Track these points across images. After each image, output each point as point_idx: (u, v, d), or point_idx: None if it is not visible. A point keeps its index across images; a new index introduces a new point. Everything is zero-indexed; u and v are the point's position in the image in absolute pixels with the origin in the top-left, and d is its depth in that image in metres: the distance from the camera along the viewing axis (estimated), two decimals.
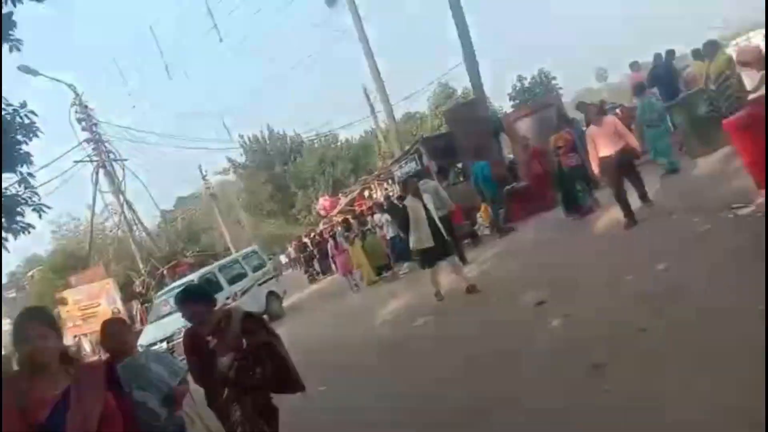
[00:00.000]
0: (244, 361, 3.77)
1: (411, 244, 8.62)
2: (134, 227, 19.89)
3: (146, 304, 18.75)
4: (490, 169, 13.09)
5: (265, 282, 16.30)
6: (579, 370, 4.21)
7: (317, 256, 24.73)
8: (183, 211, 52.22)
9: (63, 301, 18.93)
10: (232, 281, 15.60)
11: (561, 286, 6.67)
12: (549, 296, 6.38)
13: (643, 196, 8.34)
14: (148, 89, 67.52)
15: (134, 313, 18.68)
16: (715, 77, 9.85)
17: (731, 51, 14.30)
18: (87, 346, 17.80)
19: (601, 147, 8.14)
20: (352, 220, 17.15)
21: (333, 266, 20.45)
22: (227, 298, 14.82)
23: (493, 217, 13.18)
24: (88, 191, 19.59)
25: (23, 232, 7.62)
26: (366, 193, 25.51)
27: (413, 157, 16.39)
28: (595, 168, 8.48)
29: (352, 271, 15.45)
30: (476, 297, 7.90)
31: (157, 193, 62.45)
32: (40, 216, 7.92)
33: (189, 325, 3.99)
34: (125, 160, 19.26)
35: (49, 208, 7.92)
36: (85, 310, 18.73)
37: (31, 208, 7.75)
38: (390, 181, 21.38)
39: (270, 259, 47.25)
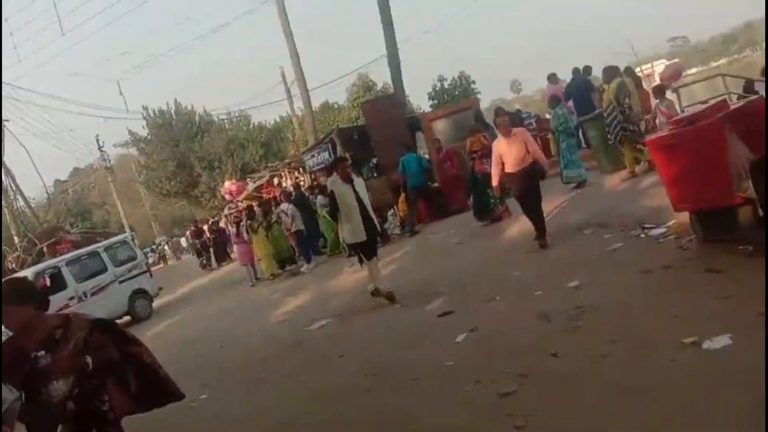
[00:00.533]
0: (88, 386, 2.79)
1: (344, 237, 7.67)
2: (11, 196, 17.86)
3: None
4: (420, 162, 12.93)
5: (131, 278, 14.63)
6: (484, 393, 3.84)
7: (212, 245, 24.72)
8: (74, 183, 48.67)
9: None
10: (83, 277, 13.92)
11: (468, 296, 6.36)
12: (455, 307, 6.04)
13: (540, 234, 7.52)
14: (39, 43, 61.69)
15: None
16: (606, 104, 9.99)
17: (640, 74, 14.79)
18: None
19: (507, 163, 7.43)
20: (256, 208, 16.28)
21: (234, 254, 19.97)
22: (71, 298, 13.36)
23: (409, 213, 12.92)
24: None
25: None
26: (275, 181, 24.55)
27: (326, 146, 15.77)
28: (495, 181, 7.82)
29: (254, 262, 14.61)
30: (381, 300, 7.45)
31: (52, 162, 57.68)
32: None
33: (8, 334, 2.89)
34: (6, 120, 17.23)
35: None
36: None
37: None
38: (301, 170, 20.62)
39: (154, 247, 44.35)
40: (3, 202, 19.13)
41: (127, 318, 14.40)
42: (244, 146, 36.87)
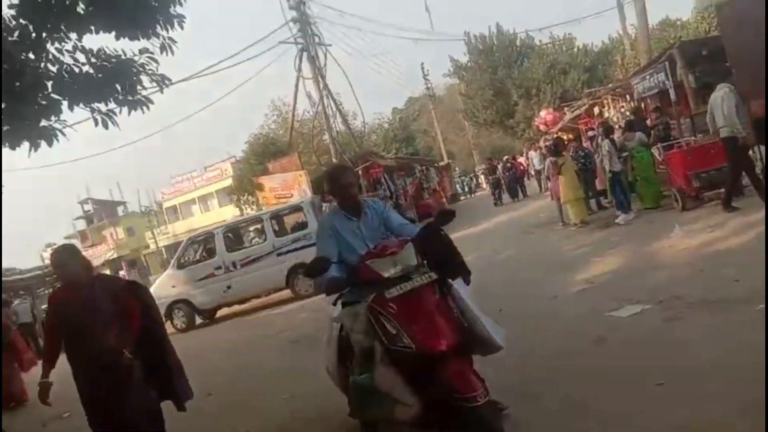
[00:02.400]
0: (114, 335, 3.61)
1: None
2: (332, 119, 18.87)
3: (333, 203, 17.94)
4: None
5: (294, 251, 12.80)
6: None
7: (505, 182, 25.00)
8: (405, 112, 51.94)
9: (260, 187, 19.07)
10: (235, 247, 13.51)
11: None
12: None
13: None
14: None
15: (322, 210, 18.06)
16: None
17: None
18: None
19: None
20: (567, 142, 13.97)
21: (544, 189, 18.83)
22: (217, 268, 13.04)
23: None
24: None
25: (140, 107, 6.31)
26: (595, 110, 21.43)
27: (662, 66, 12.35)
28: None
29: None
30: (734, 290, 4.79)
31: (387, 90, 62.63)
32: (161, 90, 6.56)
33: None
34: (329, 45, 18.01)
35: (169, 80, 6.48)
36: (279, 199, 18.65)
37: (152, 78, 6.36)
38: (627, 98, 17.24)
39: (471, 176, 44.63)
40: (313, 124, 20.19)
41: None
42: (565, 72, 33.77)
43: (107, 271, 53.86)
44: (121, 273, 50.24)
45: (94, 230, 64.48)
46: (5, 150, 5.87)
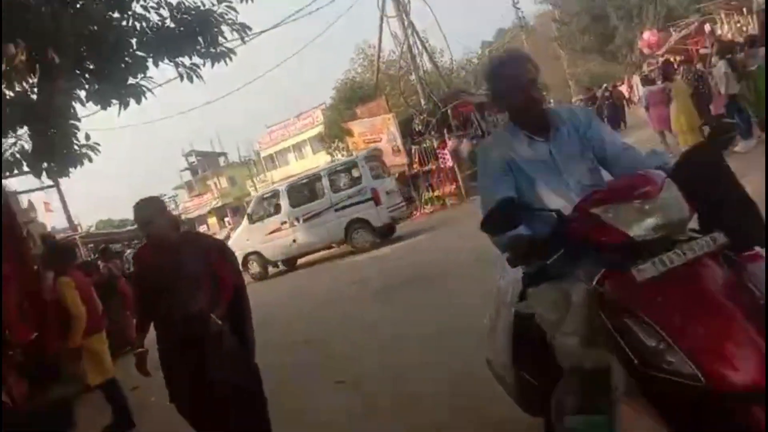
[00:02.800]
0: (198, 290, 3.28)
1: None
2: (419, 59, 18.31)
3: (423, 145, 17.66)
4: None
5: (351, 206, 13.21)
6: None
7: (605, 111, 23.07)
8: (491, 45, 49.65)
9: (349, 132, 19.03)
10: (298, 203, 13.82)
11: None
12: None
13: None
14: None
15: (412, 152, 17.84)
16: None
17: None
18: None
19: None
20: (678, 65, 12.75)
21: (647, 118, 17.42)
22: (283, 223, 13.71)
23: None
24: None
25: (224, 59, 6.29)
26: (707, 28, 19.43)
27: None
28: None
29: (668, 129, 11.53)
30: None
31: (475, 24, 60.18)
32: (242, 40, 6.49)
33: None
34: None
35: (249, 29, 6.39)
36: (368, 144, 18.57)
37: (232, 28, 6.30)
38: (744, 11, 15.45)
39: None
40: (399, 64, 19.51)
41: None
42: None
43: (213, 219, 56.93)
44: (227, 219, 52.93)
45: (199, 181, 67.71)
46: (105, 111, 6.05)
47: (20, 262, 4.56)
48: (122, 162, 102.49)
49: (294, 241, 13.79)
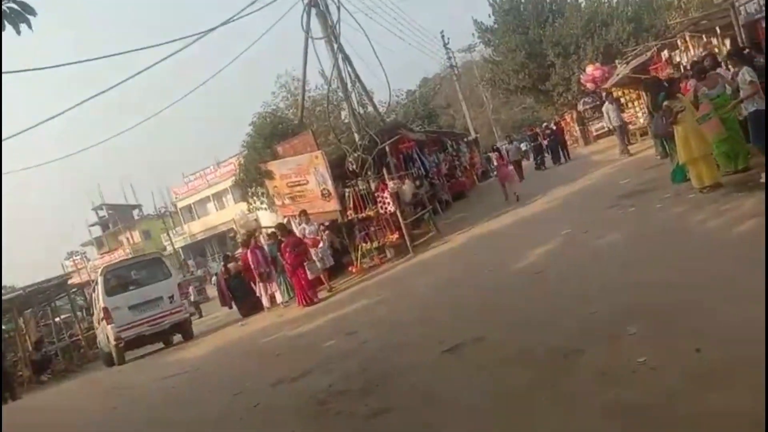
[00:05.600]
0: None
1: None
2: (352, 90, 15.46)
3: (359, 187, 14.69)
4: None
5: None
6: None
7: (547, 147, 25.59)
8: (418, 90, 48.15)
9: (269, 174, 15.79)
10: None
11: None
12: None
13: None
14: None
15: (345, 196, 14.80)
16: None
17: None
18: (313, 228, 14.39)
19: None
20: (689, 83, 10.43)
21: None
22: None
23: None
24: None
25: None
26: (663, 55, 17.75)
27: None
28: None
29: None
30: None
31: (401, 69, 58.92)
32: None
33: None
34: None
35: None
36: (293, 187, 15.40)
37: None
38: (718, 30, 13.57)
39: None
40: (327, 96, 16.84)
41: None
42: (606, 24, 29.80)
43: None
44: None
45: (111, 236, 62.30)
46: None
47: None
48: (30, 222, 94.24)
49: None
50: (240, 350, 10.50)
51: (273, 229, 14.59)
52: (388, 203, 14.49)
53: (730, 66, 9.72)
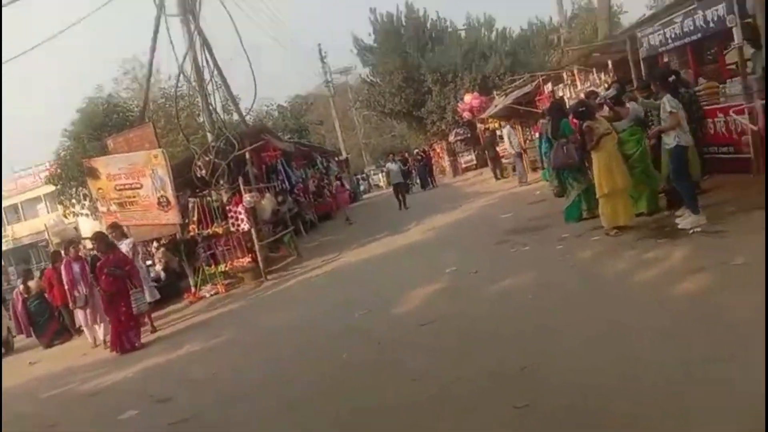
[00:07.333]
0: None
1: None
2: (208, 83, 12.90)
3: (208, 198, 12.18)
4: None
5: None
6: None
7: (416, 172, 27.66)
8: (291, 104, 45.84)
9: (93, 173, 12.67)
10: None
11: None
12: None
13: None
14: None
15: (189, 208, 12.17)
16: None
17: None
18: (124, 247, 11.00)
19: None
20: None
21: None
22: None
23: None
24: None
25: None
26: (545, 88, 17.19)
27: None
28: None
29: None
30: None
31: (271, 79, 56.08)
32: None
33: None
34: None
35: None
36: (122, 191, 12.45)
37: None
38: (609, 64, 12.93)
39: (363, 176, 44.45)
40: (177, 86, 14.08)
41: None
42: (485, 56, 29.67)
43: None
44: None
45: None
46: None
47: None
48: None
49: None
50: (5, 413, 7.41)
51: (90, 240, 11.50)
52: (242, 220, 12.10)
53: (638, 96, 8.74)
